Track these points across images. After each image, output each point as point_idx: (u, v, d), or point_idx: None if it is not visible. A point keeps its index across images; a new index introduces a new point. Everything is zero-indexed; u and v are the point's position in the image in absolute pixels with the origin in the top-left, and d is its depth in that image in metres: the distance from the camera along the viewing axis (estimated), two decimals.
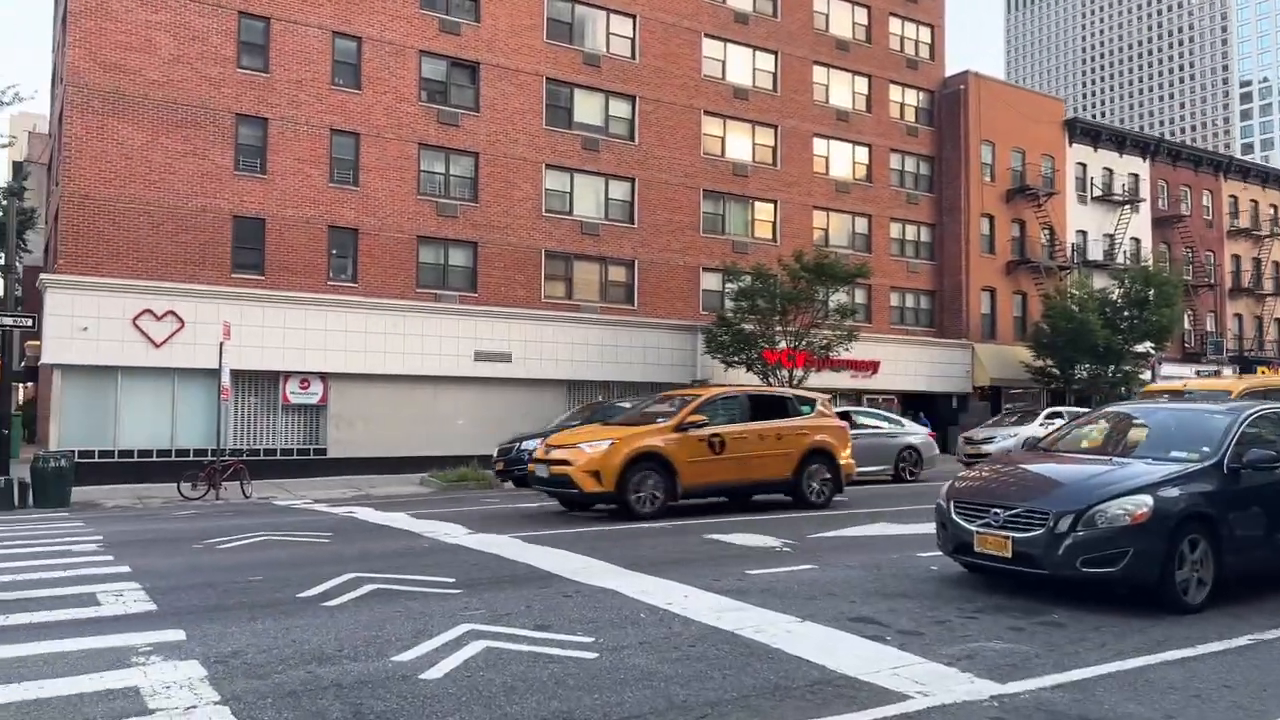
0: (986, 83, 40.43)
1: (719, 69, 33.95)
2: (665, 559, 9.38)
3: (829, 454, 14.78)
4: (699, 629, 6.44)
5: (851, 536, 11.29)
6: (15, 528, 13.51)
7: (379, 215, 27.34)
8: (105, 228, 23.89)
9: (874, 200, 37.56)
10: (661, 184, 32.37)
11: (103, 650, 5.76)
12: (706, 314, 32.08)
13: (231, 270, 25.32)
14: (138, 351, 23.59)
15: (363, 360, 26.25)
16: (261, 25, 26.00)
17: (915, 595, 7.72)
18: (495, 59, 29.37)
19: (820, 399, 15.69)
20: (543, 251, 30.03)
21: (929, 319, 39.20)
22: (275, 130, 26.00)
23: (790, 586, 7.95)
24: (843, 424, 15.74)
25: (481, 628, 6.37)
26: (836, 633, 6.42)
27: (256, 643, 5.97)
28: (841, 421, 15.90)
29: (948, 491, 8.32)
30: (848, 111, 36.89)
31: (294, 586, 7.85)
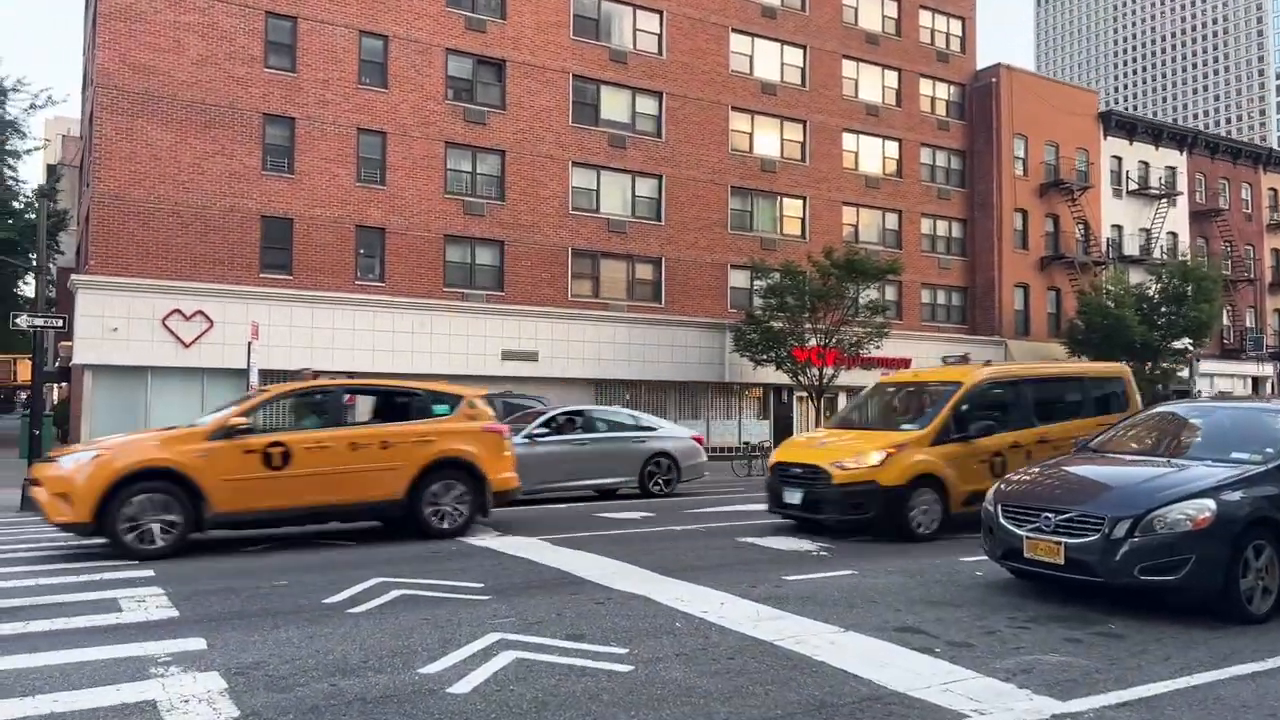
0: (1018, 75, 39.77)
1: (746, 64, 33.60)
2: (699, 564, 9.10)
3: (468, 466, 11.28)
4: (737, 639, 6.17)
5: (891, 541, 10.94)
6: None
7: (406, 214, 27.27)
8: (135, 228, 23.96)
9: (904, 195, 37.04)
10: (689, 181, 32.08)
11: (122, 660, 5.58)
12: (735, 312, 31.77)
13: (260, 270, 25.34)
14: (167, 351, 23.66)
15: (390, 360, 26.17)
16: (288, 25, 25.99)
17: (962, 603, 7.39)
18: (521, 56, 29.20)
19: (471, 396, 12.04)
20: (569, 250, 29.84)
21: (961, 316, 38.61)
22: (302, 130, 25.98)
23: (830, 594, 7.66)
24: (497, 429, 12.06)
25: (511, 637, 6.13)
26: (882, 644, 6.12)
27: (279, 653, 5.76)
28: (497, 426, 12.18)
29: (994, 494, 7.99)
30: (877, 106, 36.40)
31: (319, 592, 7.65)
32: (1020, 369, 13.54)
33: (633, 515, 13.64)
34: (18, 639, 6.12)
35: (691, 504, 15.72)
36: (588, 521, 13.04)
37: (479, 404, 12.01)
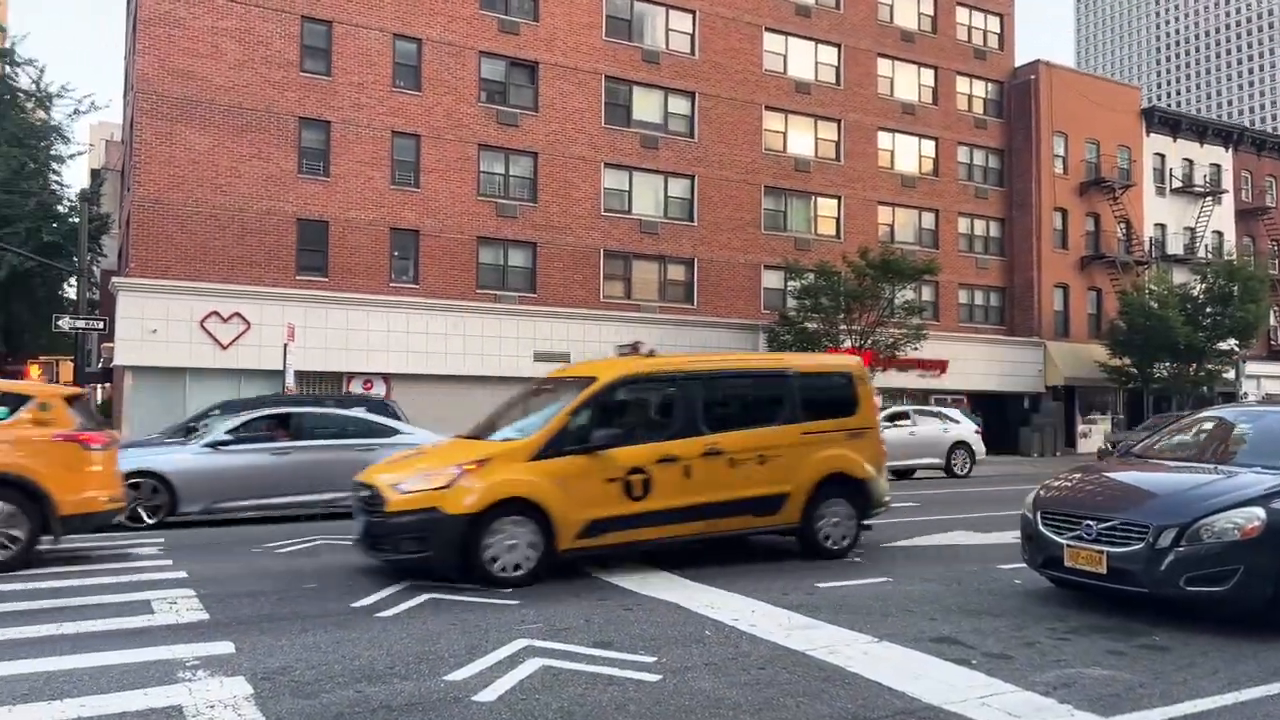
0: (1058, 72, 39.13)
1: (780, 63, 33.38)
2: (731, 570, 8.98)
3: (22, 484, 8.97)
4: (768, 649, 6.05)
5: (926, 546, 10.76)
6: None
7: (439, 216, 27.39)
8: (174, 232, 24.29)
9: (941, 195, 36.59)
10: (721, 181, 31.93)
11: (151, 664, 5.58)
12: (768, 313, 31.56)
13: (296, 272, 25.58)
14: (205, 353, 23.95)
15: (424, 361, 26.31)
16: (324, 29, 26.22)
17: (1000, 613, 7.21)
18: (554, 58, 29.22)
19: (46, 395, 9.58)
20: (601, 251, 29.81)
21: (999, 316, 38.07)
22: (338, 133, 26.20)
23: (863, 601, 7.50)
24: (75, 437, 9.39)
25: (538, 644, 6.06)
26: (917, 655, 5.96)
27: (306, 658, 5.74)
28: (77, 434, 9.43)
29: (1034, 501, 7.78)
30: (913, 104, 35.99)
31: (347, 595, 7.64)
32: (685, 361, 10.50)
33: None
34: (50, 641, 6.16)
35: None
36: None
37: (55, 405, 9.43)
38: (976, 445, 23.77)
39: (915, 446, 22.53)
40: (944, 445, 23.04)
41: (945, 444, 23.07)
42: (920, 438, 22.71)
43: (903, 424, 22.84)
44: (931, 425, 23.41)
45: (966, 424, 24.45)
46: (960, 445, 23.33)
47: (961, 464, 23.26)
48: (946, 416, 24.39)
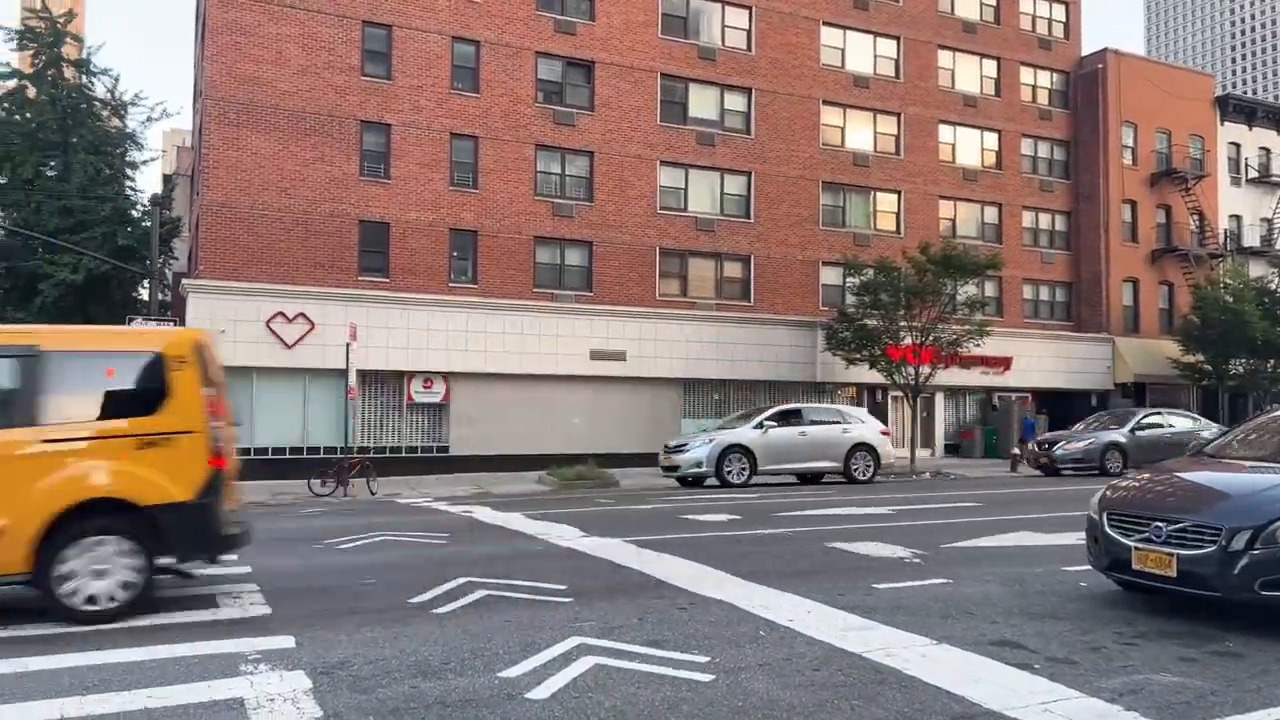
0: (1127, 60, 38.00)
1: (838, 57, 33.00)
2: (786, 570, 8.90)
3: None
4: (823, 650, 5.97)
5: (988, 547, 10.53)
6: None
7: (497, 217, 27.65)
8: (241, 234, 24.90)
9: (1004, 188, 35.83)
10: (779, 177, 31.68)
11: (215, 656, 5.73)
12: (826, 310, 31.22)
13: (358, 273, 26.04)
14: (271, 353, 24.50)
15: (482, 360, 26.59)
16: (384, 33, 26.63)
17: (1064, 616, 7.02)
18: (610, 57, 29.29)
19: None
20: (657, 249, 29.80)
21: (1065, 312, 37.15)
22: (398, 136, 26.59)
23: (922, 603, 7.37)
24: None
25: (592, 642, 6.07)
26: (976, 658, 5.83)
27: (364, 653, 5.83)
28: None
29: (1100, 501, 7.56)
30: (975, 96, 35.30)
31: (405, 591, 7.75)
32: None
33: (718, 518, 13.49)
34: (124, 633, 6.36)
35: (778, 506, 15.48)
36: (672, 524, 12.95)
37: None
38: (882, 447, 22.20)
39: (805, 449, 21.23)
40: (841, 448, 21.54)
41: (843, 446, 21.56)
42: (812, 439, 21.36)
43: (792, 424, 21.54)
44: (827, 426, 21.88)
45: (871, 424, 22.81)
46: (861, 448, 21.77)
47: (863, 469, 21.68)
48: (847, 416, 22.75)
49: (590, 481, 21.59)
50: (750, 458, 20.66)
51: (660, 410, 28.98)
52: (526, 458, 25.77)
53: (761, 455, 20.75)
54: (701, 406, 29.88)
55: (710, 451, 20.56)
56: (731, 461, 20.49)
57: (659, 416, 28.82)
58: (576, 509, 15.38)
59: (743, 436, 21.05)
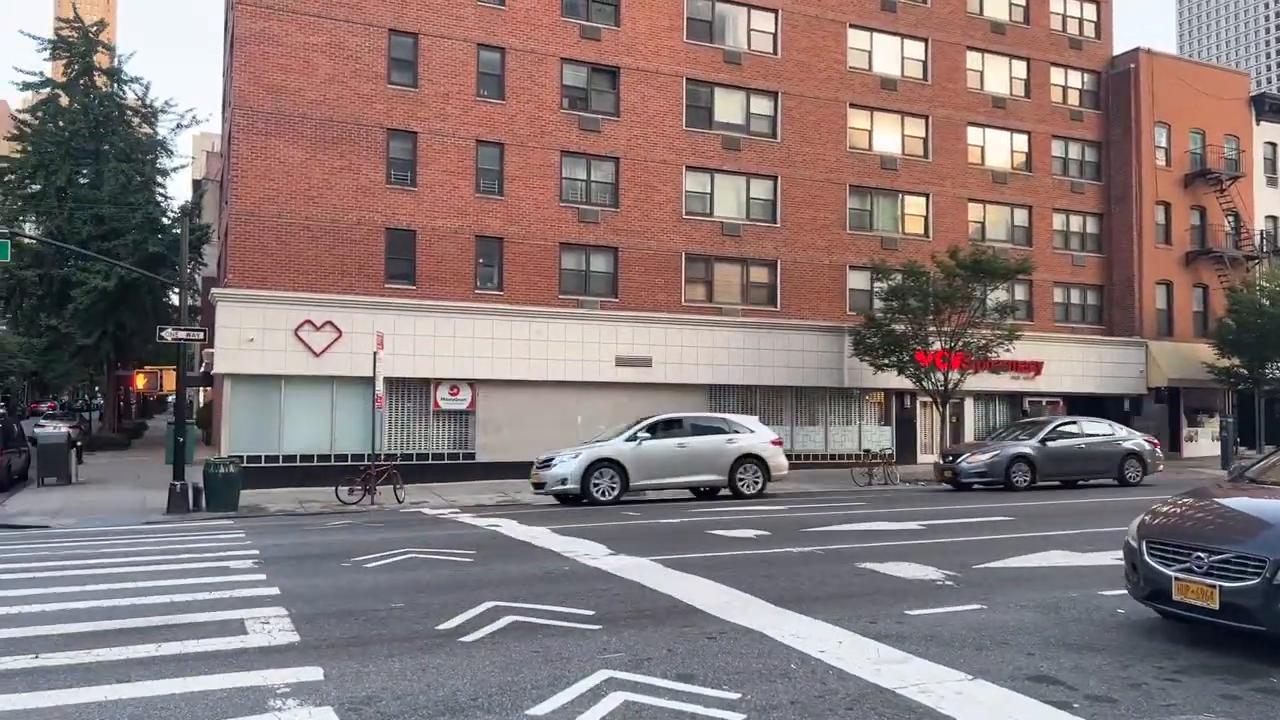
0: (1159, 59, 37.43)
1: (865, 60, 32.74)
2: (816, 594, 8.79)
3: None
4: (856, 686, 5.87)
5: (1022, 568, 10.35)
6: (185, 538, 14.19)
7: (523, 223, 27.67)
8: (269, 243, 25.07)
9: (1034, 190, 35.41)
10: (805, 181, 31.48)
11: (244, 690, 5.71)
12: (853, 315, 30.99)
13: (385, 281, 26.15)
14: (299, 361, 24.64)
15: (509, 367, 26.62)
16: (410, 41, 26.72)
17: (1102, 647, 6.87)
18: (635, 62, 29.23)
19: None
20: (683, 254, 29.70)
21: (1097, 315, 36.65)
22: (424, 143, 26.68)
23: (957, 632, 7.24)
24: None
25: (621, 675, 6.00)
26: (1013, 695, 5.71)
27: (392, 686, 5.80)
28: None
29: (1138, 529, 7.39)
30: (1004, 97, 34.90)
31: (433, 617, 7.72)
32: None
33: (747, 534, 13.38)
34: (151, 663, 6.37)
35: (809, 520, 15.34)
36: (699, 540, 12.86)
37: None
38: (773, 459, 20.62)
39: (685, 462, 19.67)
40: (726, 460, 19.97)
41: (728, 458, 20.00)
42: (693, 450, 19.78)
43: (671, 434, 19.99)
44: (710, 436, 20.28)
45: (761, 433, 21.08)
46: (749, 459, 20.22)
47: (750, 481, 20.17)
48: (734, 425, 20.95)
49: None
50: (621, 472, 18.96)
51: None
52: None
53: (634, 469, 19.03)
54: (728, 412, 29.71)
55: (576, 466, 18.79)
56: (601, 477, 18.81)
57: None
58: (603, 522, 15.32)
59: (612, 449, 19.33)
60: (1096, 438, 23.46)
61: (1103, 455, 23.24)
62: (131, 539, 14.08)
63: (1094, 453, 23.15)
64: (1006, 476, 21.73)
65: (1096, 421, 25.15)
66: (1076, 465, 23.00)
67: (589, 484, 18.75)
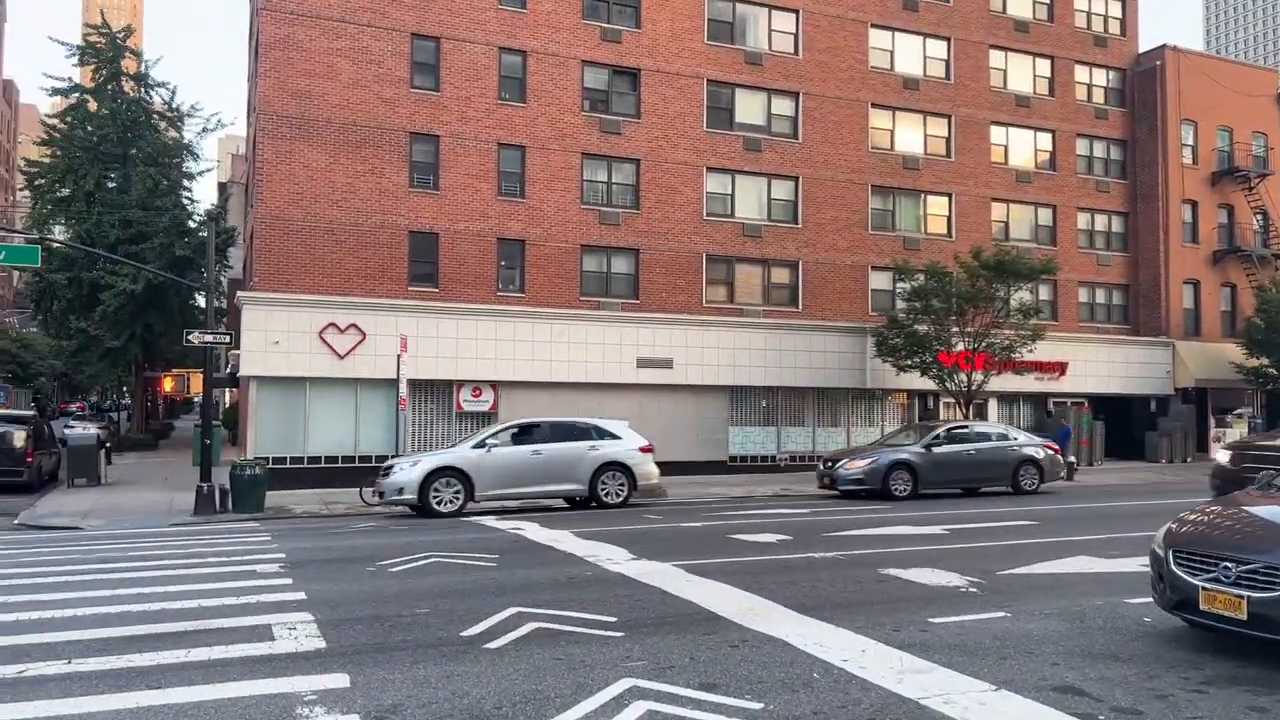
0: (1186, 56, 37.02)
1: (887, 59, 32.60)
2: (838, 600, 8.78)
3: None
4: (879, 696, 5.87)
5: (1046, 574, 10.29)
6: (212, 540, 14.36)
7: (544, 226, 27.77)
8: (294, 246, 25.30)
9: (1059, 189, 35.12)
10: (827, 181, 31.39)
11: (271, 697, 5.79)
12: (876, 315, 30.86)
13: (408, 283, 26.32)
14: (323, 363, 24.85)
15: (530, 368, 26.72)
16: (432, 45, 26.87)
17: (1128, 657, 6.82)
18: (656, 64, 29.25)
19: None
20: (704, 256, 29.69)
21: (1123, 315, 36.31)
22: (446, 147, 26.82)
23: (980, 641, 7.22)
24: None
25: (643, 684, 6.03)
26: (1038, 707, 5.68)
27: (417, 694, 5.86)
28: None
29: (1165, 537, 7.33)
30: (1028, 96, 34.64)
31: (457, 623, 7.78)
32: None
33: (769, 539, 13.37)
34: (181, 669, 6.46)
35: (831, 524, 15.31)
36: (721, 545, 12.87)
37: None
38: (640, 466, 19.12)
39: (540, 470, 18.29)
40: (587, 468, 18.58)
41: (589, 466, 18.59)
42: (549, 458, 18.38)
43: (528, 441, 18.60)
44: (570, 443, 18.78)
45: (629, 439, 19.43)
46: (613, 467, 18.78)
47: (614, 491, 18.76)
48: (598, 431, 19.34)
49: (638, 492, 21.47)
50: (465, 482, 17.68)
51: (708, 418, 28.90)
52: None
53: (480, 479, 17.77)
54: (749, 414, 29.73)
55: (415, 475, 17.52)
56: (441, 487, 17.50)
57: (706, 424, 28.75)
58: (624, 525, 15.36)
59: (456, 456, 18.06)
60: (989, 442, 21.97)
61: (995, 461, 21.63)
62: (160, 541, 14.26)
63: (985, 459, 21.49)
64: (884, 484, 20.19)
65: (995, 426, 24.55)
66: (966, 472, 21.38)
67: (428, 494, 17.44)
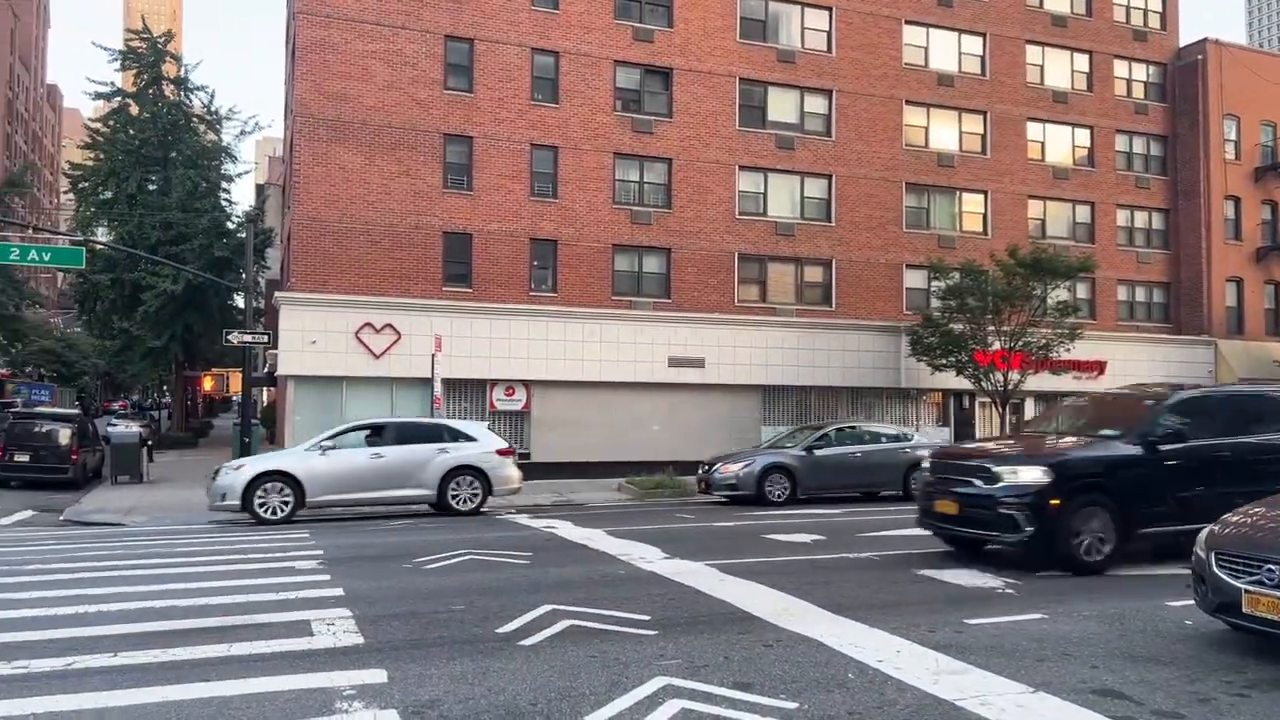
0: (1228, 50, 36.33)
1: (921, 56, 32.34)
2: (873, 601, 8.75)
3: None
4: (915, 697, 5.84)
5: (1085, 576, 10.17)
6: (253, 537, 14.59)
7: (576, 226, 27.86)
8: (330, 247, 25.60)
9: (1097, 186, 34.63)
10: (860, 179, 31.20)
11: (310, 692, 5.88)
12: (910, 314, 30.63)
13: (442, 283, 26.54)
14: (359, 362, 25.14)
15: (562, 368, 26.84)
16: (466, 47, 27.06)
17: (1169, 660, 6.74)
18: (688, 63, 29.24)
19: None
20: (736, 255, 29.63)
21: (1163, 314, 35.73)
22: (480, 148, 27.00)
23: (1017, 643, 7.16)
24: None
25: (677, 683, 6.05)
26: (1076, 709, 5.63)
27: (454, 690, 5.92)
28: None
29: (1207, 540, 7.23)
30: (1065, 92, 34.20)
31: (492, 620, 7.85)
32: None
33: (803, 539, 13.34)
34: (223, 663, 6.58)
35: (865, 524, 15.24)
36: (754, 544, 12.86)
37: None
38: (496, 470, 17.90)
39: (381, 474, 17.12)
40: (436, 472, 17.40)
41: (438, 470, 17.42)
42: (392, 462, 17.18)
43: (372, 443, 17.51)
44: (419, 446, 17.61)
45: (486, 441, 18.30)
46: (465, 471, 17.62)
47: (466, 497, 17.61)
48: (452, 433, 18.28)
49: (669, 490, 21.55)
50: (296, 487, 16.60)
51: (740, 417, 28.84)
52: (606, 465, 25.93)
53: (311, 484, 16.63)
54: (782, 413, 29.62)
55: (239, 480, 16.51)
56: (268, 492, 16.43)
57: (738, 424, 28.68)
58: (658, 525, 15.39)
59: (286, 460, 17.17)
60: (879, 444, 20.61)
61: (885, 465, 20.10)
62: (202, 538, 14.51)
63: (875, 462, 20.05)
64: (758, 489, 18.98)
65: (886, 426, 23.32)
66: (852, 476, 19.98)
67: (252, 500, 16.39)
